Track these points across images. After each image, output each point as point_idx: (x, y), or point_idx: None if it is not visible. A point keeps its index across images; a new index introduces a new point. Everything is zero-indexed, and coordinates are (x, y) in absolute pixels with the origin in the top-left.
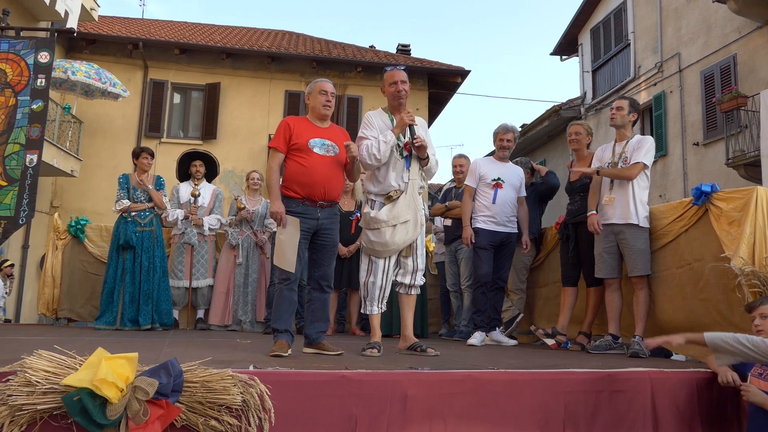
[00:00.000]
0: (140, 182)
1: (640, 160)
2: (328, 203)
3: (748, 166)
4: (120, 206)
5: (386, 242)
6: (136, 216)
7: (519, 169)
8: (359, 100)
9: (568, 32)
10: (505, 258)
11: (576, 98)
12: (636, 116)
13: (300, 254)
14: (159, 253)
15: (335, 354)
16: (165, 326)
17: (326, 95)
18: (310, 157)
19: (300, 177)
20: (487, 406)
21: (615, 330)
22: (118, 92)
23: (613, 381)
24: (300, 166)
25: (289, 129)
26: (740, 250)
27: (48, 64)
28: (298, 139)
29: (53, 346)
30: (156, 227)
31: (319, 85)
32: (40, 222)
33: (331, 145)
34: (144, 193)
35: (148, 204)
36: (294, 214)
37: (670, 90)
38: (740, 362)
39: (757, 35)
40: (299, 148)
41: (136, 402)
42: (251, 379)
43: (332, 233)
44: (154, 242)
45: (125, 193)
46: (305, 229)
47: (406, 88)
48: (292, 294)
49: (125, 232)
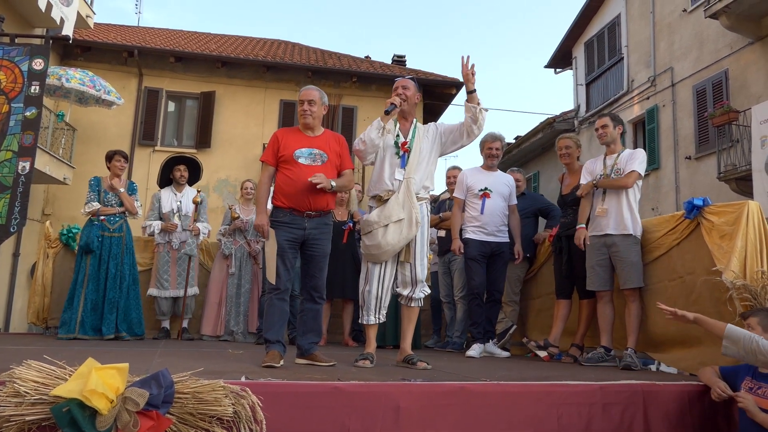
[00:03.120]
0: (112, 186)
1: (635, 169)
2: (316, 213)
3: (739, 180)
4: (89, 209)
5: (379, 243)
6: (104, 220)
7: (508, 177)
8: (354, 110)
9: (562, 45)
10: (500, 269)
11: (570, 111)
12: (621, 128)
13: (288, 264)
14: (128, 260)
15: (328, 365)
16: (135, 336)
17: (302, 104)
18: (296, 167)
19: (286, 188)
20: (480, 418)
21: (607, 342)
22: (113, 100)
23: (606, 393)
24: (286, 177)
25: (278, 141)
26: (731, 263)
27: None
28: (285, 150)
29: (43, 356)
30: (126, 233)
31: (300, 95)
32: (32, 230)
33: (319, 154)
34: (115, 197)
35: (118, 209)
36: (281, 224)
37: (663, 104)
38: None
39: (748, 51)
40: (286, 159)
41: (126, 413)
42: (243, 390)
43: (321, 243)
44: (123, 248)
45: (96, 196)
46: (291, 239)
47: (407, 93)
48: (283, 304)
49: (90, 236)
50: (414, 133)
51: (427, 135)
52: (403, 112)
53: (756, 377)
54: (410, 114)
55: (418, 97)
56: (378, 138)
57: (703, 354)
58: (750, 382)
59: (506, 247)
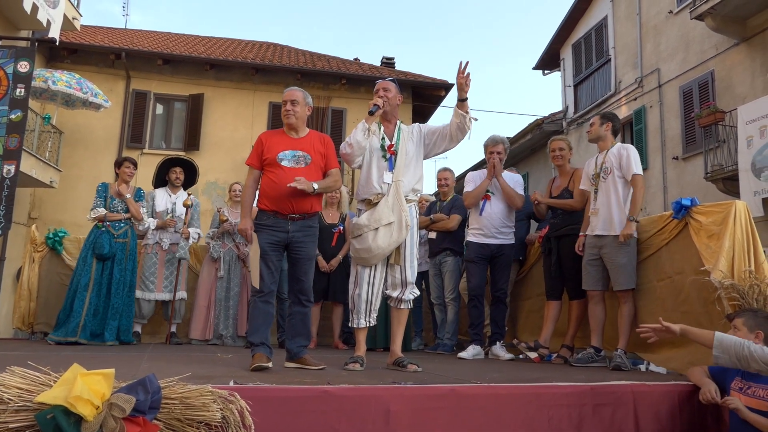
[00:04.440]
0: (119, 192)
1: (636, 173)
2: (299, 216)
3: (726, 180)
4: (95, 214)
5: (369, 247)
6: (110, 226)
7: (509, 179)
8: (344, 112)
9: (550, 47)
10: (501, 269)
11: (558, 112)
12: (610, 125)
13: (272, 267)
14: (131, 267)
15: (317, 368)
16: (123, 342)
17: (285, 104)
18: (279, 170)
19: (269, 191)
20: (471, 420)
21: (597, 342)
22: (100, 102)
23: (597, 394)
24: (270, 180)
25: (262, 144)
26: (719, 263)
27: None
28: (269, 153)
29: (27, 361)
30: (131, 239)
31: (283, 96)
32: (17, 234)
33: (303, 156)
34: (121, 204)
35: (124, 215)
36: (264, 227)
37: (650, 105)
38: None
39: (734, 52)
40: (270, 162)
41: (112, 419)
42: (231, 395)
43: (306, 246)
44: (127, 255)
45: (102, 202)
46: (275, 242)
47: (388, 95)
48: (267, 306)
49: (109, 242)
50: (399, 134)
51: (411, 136)
52: (385, 114)
53: (745, 377)
54: (393, 116)
55: (401, 98)
56: (364, 140)
57: (692, 354)
58: (740, 382)
59: (508, 248)
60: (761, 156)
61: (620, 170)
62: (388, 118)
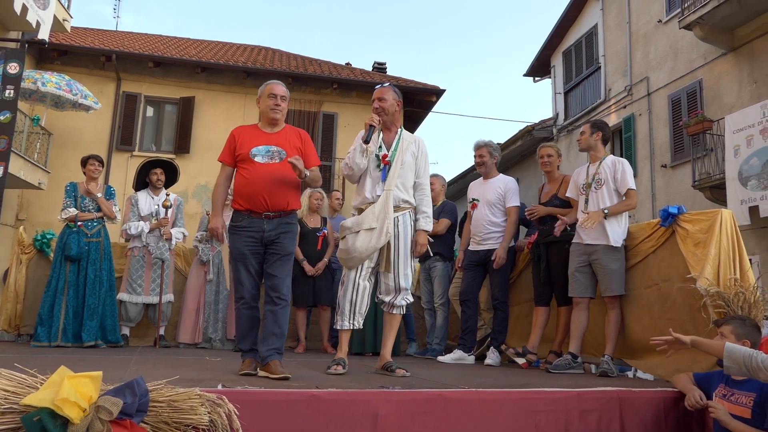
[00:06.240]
0: (89, 191)
1: (631, 188)
2: (275, 213)
3: (713, 189)
4: (66, 215)
5: (347, 248)
6: (82, 226)
7: (502, 182)
8: (335, 116)
9: (541, 54)
10: (494, 276)
11: (548, 119)
12: (600, 134)
13: (252, 270)
14: (106, 266)
15: (279, 378)
16: (110, 343)
17: (275, 99)
18: (252, 167)
19: (242, 189)
20: (458, 425)
21: (575, 349)
22: (90, 104)
23: (583, 400)
24: (243, 177)
25: (234, 140)
26: (705, 271)
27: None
28: (241, 149)
29: (13, 364)
30: (104, 238)
31: (269, 88)
32: (5, 235)
33: (278, 151)
34: (92, 203)
35: (96, 214)
36: (240, 229)
37: (639, 113)
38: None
39: (721, 61)
40: (242, 158)
41: (99, 422)
42: (219, 399)
43: (282, 243)
44: (101, 254)
45: (72, 202)
46: (251, 244)
47: (383, 105)
48: (252, 311)
49: (77, 243)
50: (398, 144)
51: (411, 147)
52: (385, 123)
53: (729, 384)
54: (393, 124)
55: (399, 103)
56: (363, 162)
57: (679, 361)
58: (723, 389)
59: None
60: (748, 165)
61: (614, 183)
62: (388, 127)
